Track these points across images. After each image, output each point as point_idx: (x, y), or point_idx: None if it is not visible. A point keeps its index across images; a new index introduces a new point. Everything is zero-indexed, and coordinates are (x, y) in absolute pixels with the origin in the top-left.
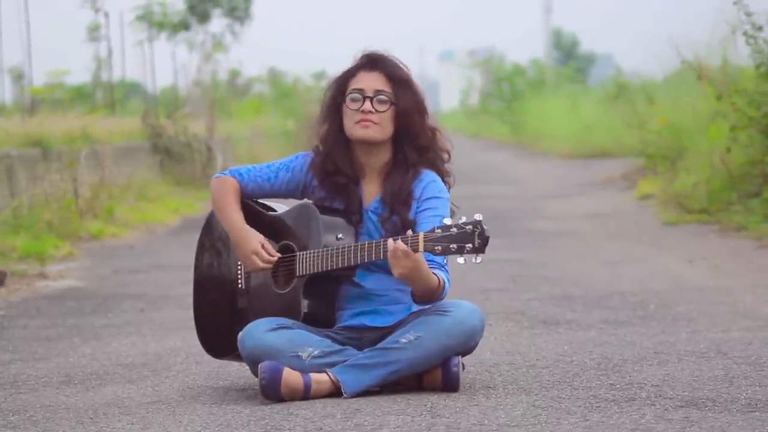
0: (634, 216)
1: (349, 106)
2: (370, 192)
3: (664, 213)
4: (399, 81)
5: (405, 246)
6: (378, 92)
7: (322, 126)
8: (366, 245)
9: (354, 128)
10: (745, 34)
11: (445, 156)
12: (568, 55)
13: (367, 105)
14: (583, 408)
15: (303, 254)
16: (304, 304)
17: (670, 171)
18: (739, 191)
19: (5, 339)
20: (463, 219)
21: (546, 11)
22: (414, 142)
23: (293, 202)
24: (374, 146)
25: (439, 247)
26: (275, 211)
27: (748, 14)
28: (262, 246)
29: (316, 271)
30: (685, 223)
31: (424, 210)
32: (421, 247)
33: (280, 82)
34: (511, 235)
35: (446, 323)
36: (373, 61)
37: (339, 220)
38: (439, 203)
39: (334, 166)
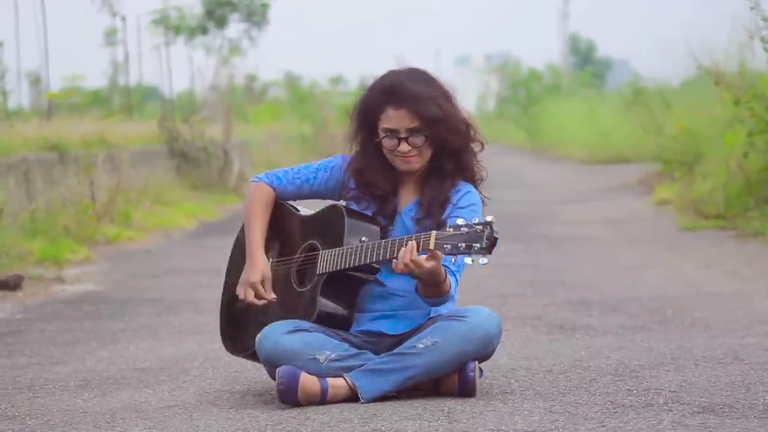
0: (651, 221)
1: (386, 145)
2: (406, 196)
3: (681, 218)
4: (427, 116)
5: (415, 257)
6: (410, 130)
7: (357, 138)
8: (383, 243)
9: (395, 161)
10: (762, 39)
11: (478, 147)
12: (585, 60)
13: (404, 146)
14: (600, 414)
15: (325, 252)
16: (321, 302)
17: (687, 176)
18: (756, 197)
19: (22, 343)
20: (476, 219)
21: (563, 16)
22: (450, 149)
23: (325, 203)
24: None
25: (449, 246)
26: (307, 212)
27: (766, 19)
28: (263, 282)
29: (336, 269)
30: (702, 229)
31: (457, 218)
32: (431, 245)
33: (297, 87)
34: (528, 241)
35: (463, 329)
36: (398, 98)
37: (364, 224)
38: (473, 215)
39: (373, 181)
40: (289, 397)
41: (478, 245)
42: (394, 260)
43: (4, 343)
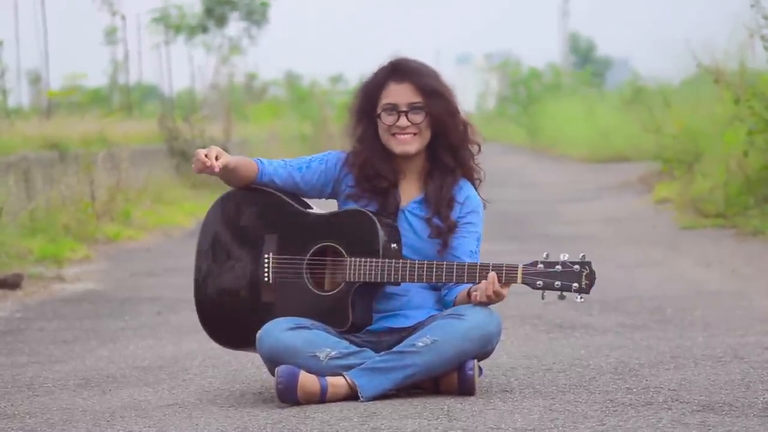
0: (651, 220)
1: (385, 120)
2: (408, 192)
3: (681, 217)
4: (430, 90)
5: (498, 288)
6: (411, 105)
7: (356, 131)
8: (447, 265)
9: (391, 141)
10: (762, 38)
11: (476, 149)
12: (585, 59)
13: (403, 120)
14: (599, 412)
15: (357, 261)
16: (352, 308)
17: (687, 175)
18: (756, 195)
19: (22, 342)
20: (566, 256)
21: (563, 15)
22: (447, 142)
23: (331, 203)
24: (413, 155)
25: (541, 282)
26: (321, 211)
27: (766, 17)
28: (217, 155)
29: (373, 280)
30: (701, 227)
31: (466, 224)
32: (519, 280)
33: (297, 86)
34: (528, 239)
35: (463, 327)
36: (401, 72)
37: (391, 229)
38: (477, 219)
39: (375, 172)
40: (288, 396)
41: (576, 285)
42: (474, 293)
43: (3, 342)
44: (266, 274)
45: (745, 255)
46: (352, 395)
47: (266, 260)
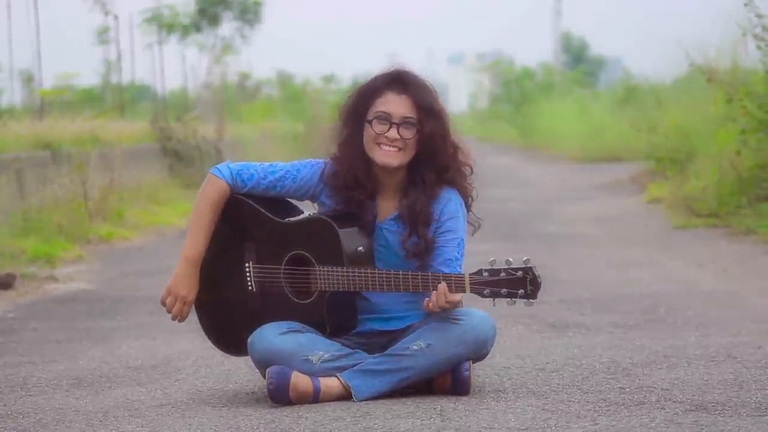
0: (644, 219)
1: (374, 128)
2: (386, 207)
3: (674, 216)
4: (427, 108)
5: (451, 296)
6: (405, 119)
7: (342, 134)
8: (403, 276)
9: (375, 150)
10: (755, 36)
11: (467, 170)
12: (578, 58)
13: (393, 132)
14: (592, 412)
15: (325, 270)
16: (329, 318)
17: (680, 174)
18: (748, 195)
19: (15, 341)
20: (510, 261)
21: (555, 14)
22: (433, 162)
23: (304, 204)
24: (394, 168)
25: (488, 291)
26: (289, 215)
27: (759, 16)
28: (189, 303)
29: (340, 289)
30: (694, 227)
31: (444, 233)
32: (467, 290)
33: (290, 85)
34: (521, 239)
35: (458, 331)
36: (402, 83)
37: (356, 232)
38: (457, 224)
39: (354, 181)
40: (280, 396)
41: (522, 291)
42: (428, 300)
43: None
44: (249, 283)
45: (737, 254)
46: (345, 396)
47: (247, 269)
